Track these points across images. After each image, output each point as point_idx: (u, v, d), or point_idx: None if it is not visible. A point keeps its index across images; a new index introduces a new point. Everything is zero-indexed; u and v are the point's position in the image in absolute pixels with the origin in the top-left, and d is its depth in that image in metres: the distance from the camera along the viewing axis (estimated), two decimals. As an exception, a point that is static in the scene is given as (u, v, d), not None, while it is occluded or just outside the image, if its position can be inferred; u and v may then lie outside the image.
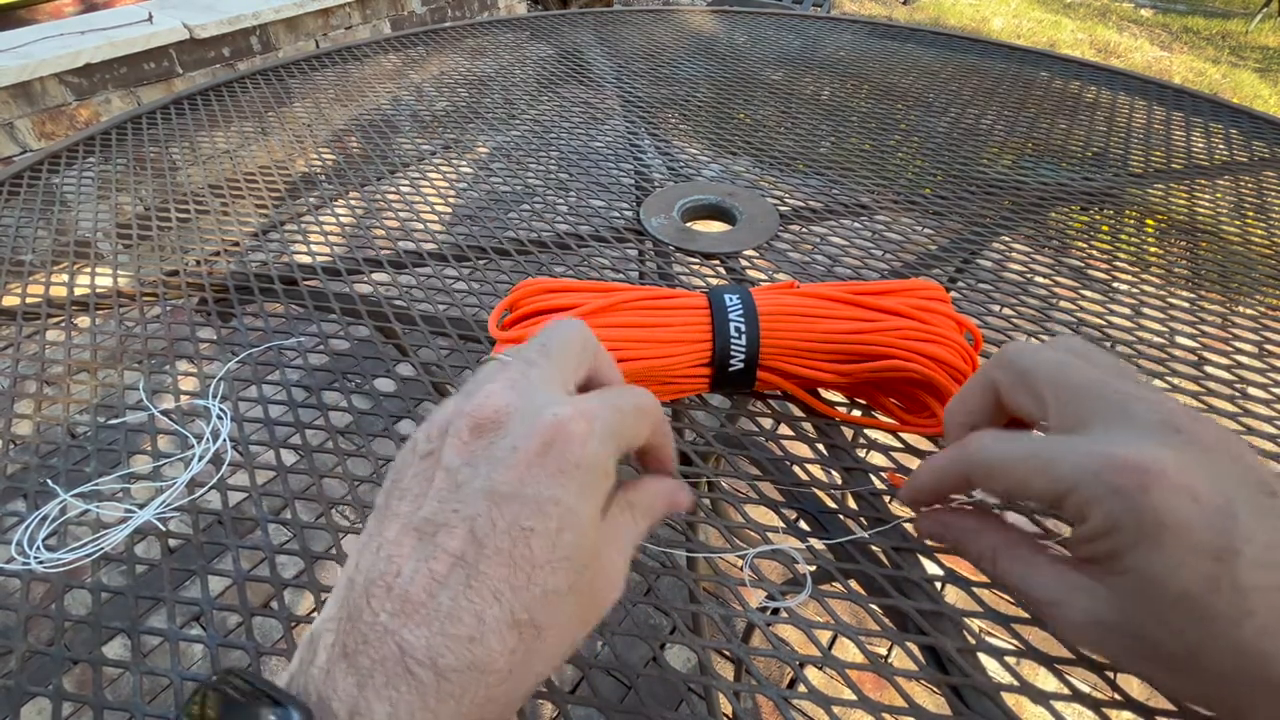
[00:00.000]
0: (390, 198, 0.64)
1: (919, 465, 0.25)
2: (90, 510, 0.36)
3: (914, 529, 0.28)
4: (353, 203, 0.64)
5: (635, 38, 1.08)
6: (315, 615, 0.30)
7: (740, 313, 0.34)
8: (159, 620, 0.31)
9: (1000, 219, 0.60)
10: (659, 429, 0.23)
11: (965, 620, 0.29)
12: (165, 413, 0.41)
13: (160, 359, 0.46)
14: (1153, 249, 0.57)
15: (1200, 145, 0.73)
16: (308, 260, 0.55)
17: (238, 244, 0.58)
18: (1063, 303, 0.49)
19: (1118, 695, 0.27)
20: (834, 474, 0.36)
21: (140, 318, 0.50)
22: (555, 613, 0.18)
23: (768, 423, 0.38)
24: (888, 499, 0.34)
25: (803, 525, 0.34)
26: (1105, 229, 0.61)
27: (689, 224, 0.59)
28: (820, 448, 0.37)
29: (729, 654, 0.28)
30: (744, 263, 0.54)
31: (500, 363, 0.21)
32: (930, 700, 0.26)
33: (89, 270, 0.55)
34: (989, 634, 0.93)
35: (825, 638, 0.99)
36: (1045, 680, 0.27)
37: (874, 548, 0.32)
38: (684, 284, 0.52)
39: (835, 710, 0.27)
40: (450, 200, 0.64)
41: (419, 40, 1.06)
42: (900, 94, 0.87)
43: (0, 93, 1.66)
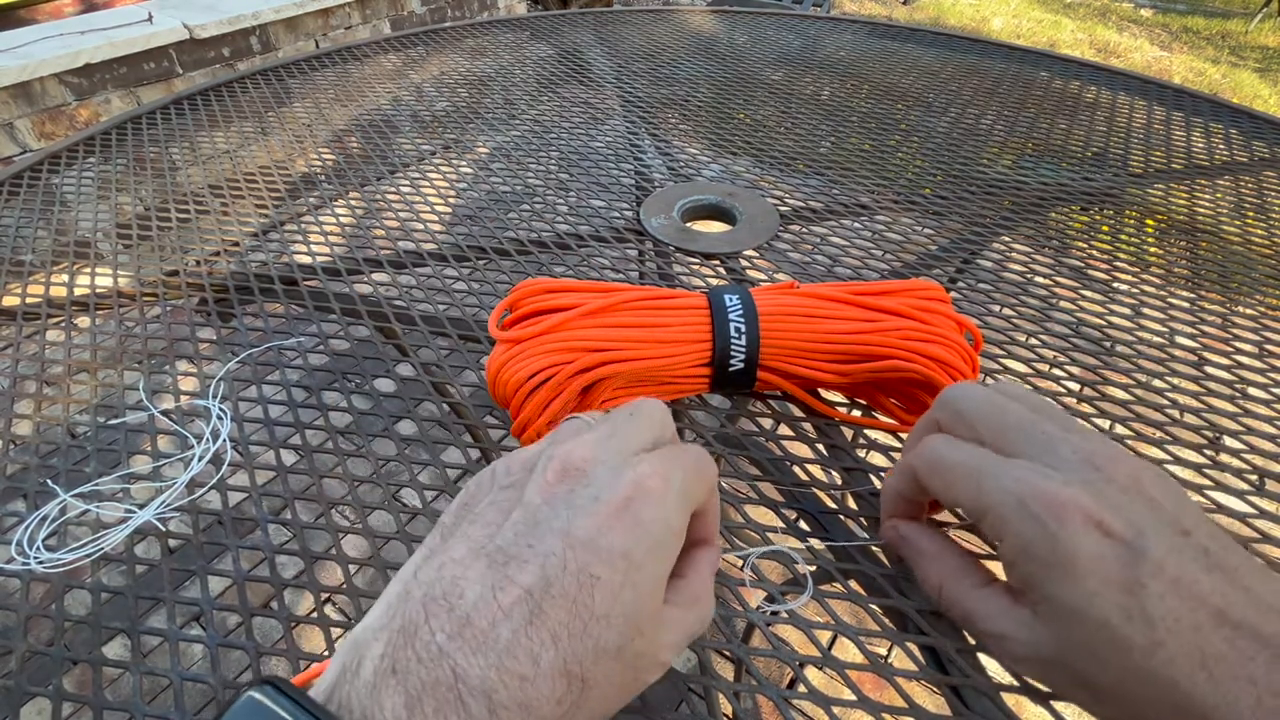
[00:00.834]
0: (390, 198, 0.64)
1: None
2: (90, 510, 0.36)
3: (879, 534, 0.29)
4: (353, 203, 0.64)
5: (635, 38, 1.08)
6: (315, 615, 0.30)
7: (740, 313, 0.34)
8: (159, 620, 0.31)
9: (1000, 219, 0.60)
10: (714, 491, 0.23)
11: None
12: (165, 413, 0.41)
13: (160, 359, 0.46)
14: (1153, 249, 0.57)
15: (1200, 145, 0.73)
16: (308, 260, 0.55)
17: (238, 244, 0.58)
18: (1063, 303, 0.49)
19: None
20: (834, 474, 0.36)
21: (140, 318, 0.50)
22: (602, 671, 0.17)
23: (768, 423, 0.38)
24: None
25: (803, 525, 0.34)
26: (1105, 229, 0.61)
27: (689, 224, 0.59)
28: (820, 448, 0.37)
29: (729, 654, 0.28)
30: (744, 263, 0.54)
31: (585, 421, 0.22)
32: (930, 700, 0.26)
33: (89, 270, 0.55)
34: (989, 634, 0.93)
35: (825, 638, 0.99)
36: (1045, 680, 0.27)
37: (874, 548, 0.32)
38: (684, 284, 0.52)
39: (835, 710, 0.27)
40: (450, 200, 0.64)
41: (419, 40, 1.06)
42: (900, 94, 0.87)
43: (0, 93, 1.66)
